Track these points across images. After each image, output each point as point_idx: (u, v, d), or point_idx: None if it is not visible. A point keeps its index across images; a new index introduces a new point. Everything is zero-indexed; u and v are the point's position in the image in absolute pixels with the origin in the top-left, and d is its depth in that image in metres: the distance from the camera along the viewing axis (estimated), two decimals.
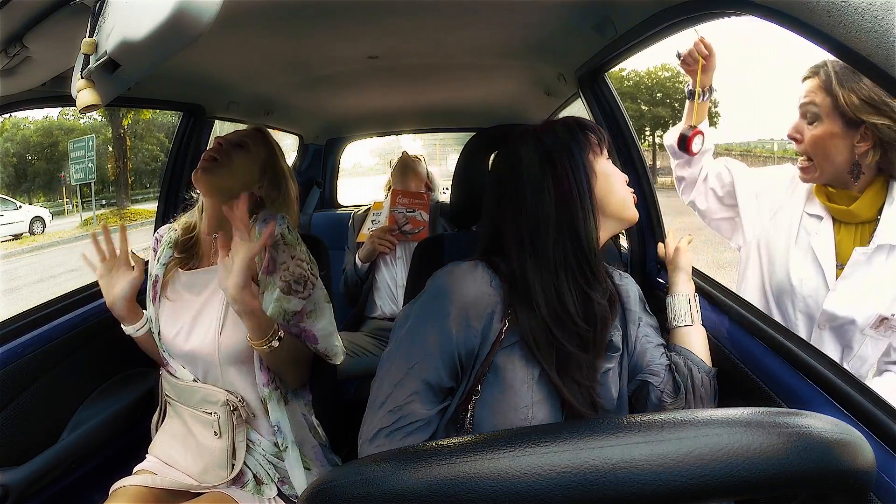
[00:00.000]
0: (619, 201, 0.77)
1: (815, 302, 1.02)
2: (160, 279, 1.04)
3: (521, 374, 0.69)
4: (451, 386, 0.70)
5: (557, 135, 0.77)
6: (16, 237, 11.61)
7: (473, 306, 0.69)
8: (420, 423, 0.66)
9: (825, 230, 1.03)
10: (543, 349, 0.68)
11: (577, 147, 0.75)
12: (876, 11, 0.44)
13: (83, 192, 14.16)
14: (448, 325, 0.68)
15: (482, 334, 0.69)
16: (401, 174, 1.91)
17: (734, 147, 19.79)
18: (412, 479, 0.31)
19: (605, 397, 0.75)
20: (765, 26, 0.59)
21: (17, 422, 1.03)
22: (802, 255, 1.05)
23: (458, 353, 0.68)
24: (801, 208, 1.08)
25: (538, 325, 0.69)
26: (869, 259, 0.98)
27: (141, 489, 0.96)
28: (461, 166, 1.10)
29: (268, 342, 0.91)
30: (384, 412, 0.67)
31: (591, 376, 0.72)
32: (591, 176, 0.75)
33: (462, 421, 0.70)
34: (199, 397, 0.99)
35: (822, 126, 0.98)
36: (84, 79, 0.59)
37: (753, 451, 0.31)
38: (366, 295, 1.85)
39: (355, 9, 1.07)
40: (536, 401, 0.68)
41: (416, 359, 0.68)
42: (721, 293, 1.02)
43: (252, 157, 1.05)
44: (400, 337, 0.71)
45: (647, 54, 1.35)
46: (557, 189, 0.73)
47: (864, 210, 1.00)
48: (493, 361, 0.69)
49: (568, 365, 0.69)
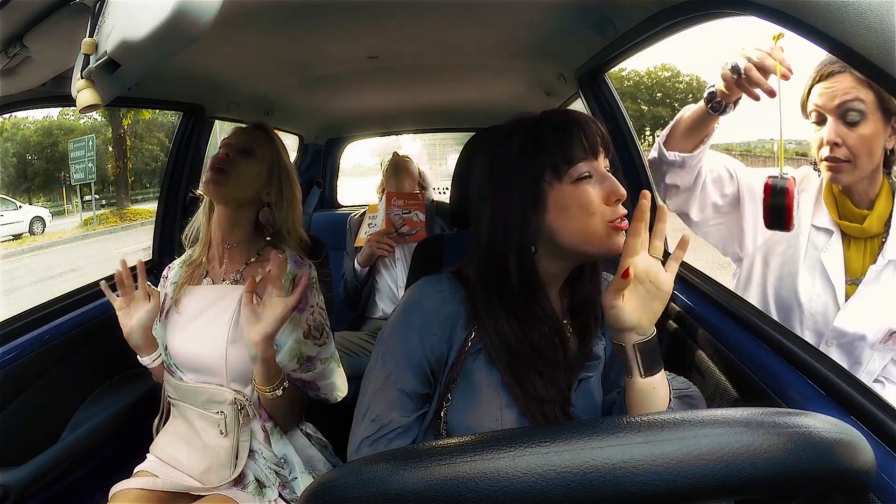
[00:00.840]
0: (576, 237, 0.65)
1: (823, 318, 0.99)
2: (169, 297, 1.05)
3: (487, 378, 0.69)
4: (427, 392, 0.71)
5: (512, 148, 0.67)
6: (16, 237, 11.59)
7: (435, 315, 0.70)
8: (400, 430, 0.68)
9: (835, 246, 0.99)
10: (499, 360, 0.68)
11: (527, 171, 0.66)
12: (876, 11, 0.44)
13: (83, 192, 14.15)
14: (415, 336, 0.70)
15: (448, 342, 0.70)
16: (393, 175, 1.92)
17: (734, 147, 19.76)
18: (412, 479, 0.31)
19: (584, 406, 0.72)
20: (765, 26, 0.59)
21: (17, 422, 1.03)
22: (811, 272, 1.00)
23: (426, 361, 0.69)
24: (808, 220, 1.01)
25: (494, 339, 0.68)
26: (878, 275, 0.96)
27: (141, 492, 0.96)
28: (461, 166, 1.10)
29: (273, 390, 0.93)
30: (367, 422, 0.69)
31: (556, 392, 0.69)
32: (539, 207, 0.65)
33: (438, 426, 0.71)
34: (206, 397, 0.99)
35: (869, 125, 0.89)
36: (84, 79, 0.59)
37: (753, 451, 0.31)
38: (367, 296, 1.85)
39: (355, 9, 1.07)
40: (504, 405, 0.68)
41: (391, 369, 0.70)
42: (721, 293, 1.02)
43: (259, 162, 1.05)
44: (378, 350, 0.73)
45: (647, 54, 1.34)
46: (493, 216, 0.68)
47: (874, 224, 0.96)
48: (463, 367, 0.70)
49: (524, 379, 0.68)
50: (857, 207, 0.98)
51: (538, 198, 0.66)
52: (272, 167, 1.07)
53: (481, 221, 0.70)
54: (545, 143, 0.66)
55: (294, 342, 1.00)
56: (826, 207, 1.00)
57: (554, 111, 0.71)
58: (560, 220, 0.65)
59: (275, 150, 1.08)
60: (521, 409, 0.67)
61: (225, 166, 1.01)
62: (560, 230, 0.65)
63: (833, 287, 0.98)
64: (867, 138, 0.90)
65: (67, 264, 8.76)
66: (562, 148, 0.65)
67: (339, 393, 1.09)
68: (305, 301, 1.02)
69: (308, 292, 1.02)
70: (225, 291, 1.02)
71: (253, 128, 1.10)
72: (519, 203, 0.66)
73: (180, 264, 1.11)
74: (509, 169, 0.67)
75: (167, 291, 1.07)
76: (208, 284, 1.05)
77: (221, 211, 1.05)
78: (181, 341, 1.01)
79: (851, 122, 0.90)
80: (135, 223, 13.12)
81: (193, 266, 1.07)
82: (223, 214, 1.04)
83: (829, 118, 0.92)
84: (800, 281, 1.00)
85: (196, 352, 0.99)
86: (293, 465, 1.01)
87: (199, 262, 1.08)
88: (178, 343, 1.01)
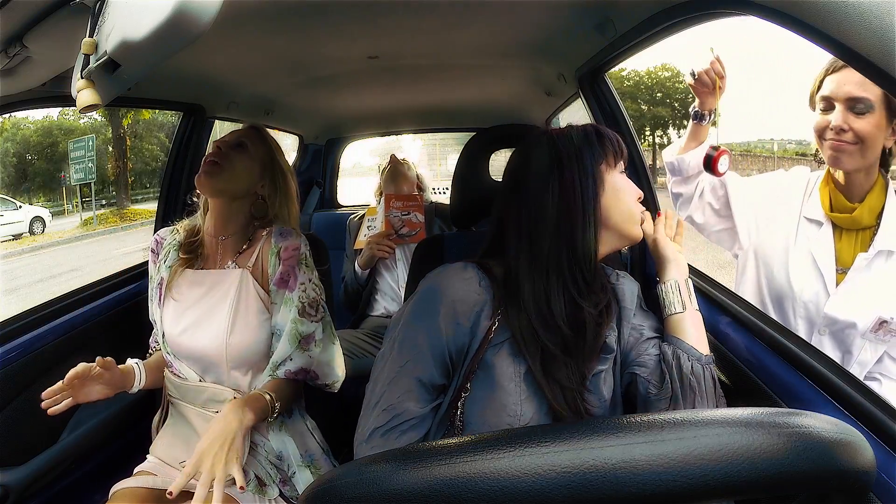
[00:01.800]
0: (623, 217, 0.76)
1: (815, 307, 1.02)
2: (165, 281, 1.04)
3: (509, 370, 0.70)
4: (444, 383, 0.71)
5: (572, 140, 0.76)
6: (16, 237, 11.59)
7: (461, 303, 0.71)
8: (414, 421, 0.68)
9: (825, 236, 1.03)
10: (529, 346, 0.70)
11: (590, 155, 0.75)
12: (876, 11, 0.44)
13: (83, 192, 14.15)
14: (438, 323, 0.70)
15: (471, 331, 0.71)
16: (392, 180, 1.93)
17: (734, 147, 19.77)
18: (412, 479, 0.31)
19: (595, 400, 0.74)
20: (765, 26, 0.59)
21: (17, 422, 1.03)
22: (802, 261, 1.04)
23: (448, 350, 0.70)
24: (799, 212, 1.07)
25: (525, 323, 0.70)
26: (869, 264, 0.99)
27: (141, 490, 0.96)
28: (461, 166, 1.10)
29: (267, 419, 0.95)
30: (378, 411, 0.68)
31: (577, 380, 0.71)
32: (599, 187, 0.74)
33: (452, 418, 0.71)
34: (206, 397, 0.99)
35: (874, 117, 0.95)
36: (84, 79, 0.59)
37: (753, 451, 0.30)
38: (368, 295, 1.86)
39: (355, 9, 1.07)
40: (524, 398, 0.69)
41: (408, 357, 0.69)
42: (721, 293, 1.02)
43: (252, 156, 1.06)
44: (393, 337, 0.73)
45: (647, 54, 1.35)
46: (562, 194, 0.73)
47: (865, 217, 1.00)
48: (484, 359, 0.71)
49: (552, 365, 0.70)
50: (849, 202, 1.02)
51: (601, 178, 0.75)
52: (265, 162, 1.07)
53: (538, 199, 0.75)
54: (602, 134, 0.77)
55: (291, 323, 0.99)
56: (820, 200, 1.05)
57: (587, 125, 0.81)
58: (614, 200, 0.75)
59: (267, 147, 1.09)
60: (547, 395, 0.69)
61: (217, 159, 1.02)
62: (613, 209, 0.75)
63: (823, 276, 1.01)
64: (872, 128, 0.95)
65: (67, 264, 8.76)
66: (612, 143, 0.77)
67: (338, 375, 1.07)
68: (294, 279, 1.01)
69: (297, 269, 1.02)
70: (222, 276, 1.02)
71: (246, 127, 1.11)
72: (590, 179, 0.74)
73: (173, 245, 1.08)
74: (576, 154, 0.75)
75: (163, 275, 1.05)
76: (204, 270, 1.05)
77: (215, 205, 1.04)
78: (180, 330, 1.00)
79: (859, 113, 0.96)
80: (135, 223, 13.12)
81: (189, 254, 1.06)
82: (217, 209, 1.04)
83: (838, 106, 0.97)
84: (791, 270, 1.04)
85: (196, 341, 0.99)
86: (291, 459, 1.00)
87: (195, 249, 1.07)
88: (176, 331, 1.01)
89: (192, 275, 1.04)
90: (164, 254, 1.07)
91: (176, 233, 1.10)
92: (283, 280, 1.01)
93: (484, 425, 0.69)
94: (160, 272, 1.06)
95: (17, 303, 6.23)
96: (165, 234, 1.11)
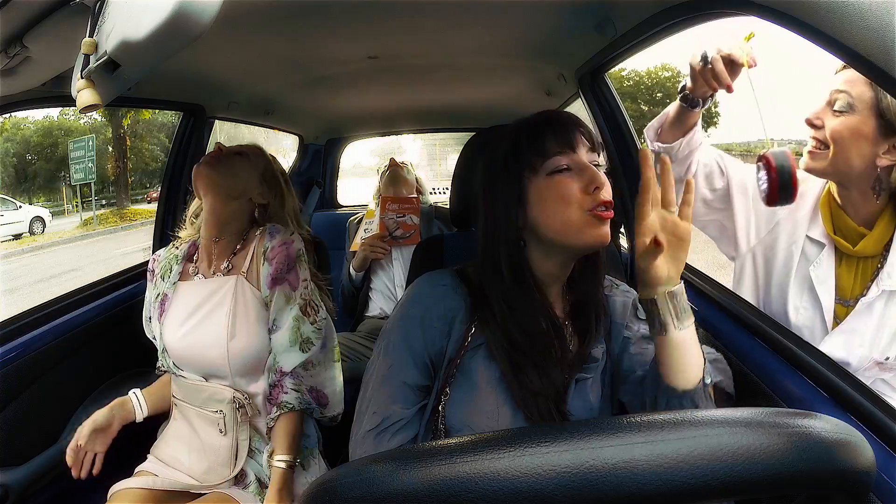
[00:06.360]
0: (557, 227, 0.67)
1: (810, 333, 0.96)
2: (169, 297, 1.05)
3: (486, 374, 0.70)
4: (428, 384, 0.72)
5: (497, 157, 0.73)
6: (16, 237, 11.59)
7: (436, 308, 0.72)
8: (402, 423, 0.69)
9: (826, 261, 0.96)
10: (499, 352, 0.70)
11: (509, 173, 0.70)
12: (876, 11, 0.44)
13: (83, 192, 14.15)
14: (416, 328, 0.71)
15: (448, 335, 0.71)
16: (391, 184, 1.94)
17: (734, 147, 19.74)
18: (412, 480, 0.31)
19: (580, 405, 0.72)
20: (765, 26, 0.59)
21: (17, 422, 1.03)
22: (801, 285, 0.98)
23: (427, 353, 0.71)
24: (804, 229, 0.98)
25: (495, 329, 0.70)
26: (870, 306, 0.92)
27: (141, 490, 0.96)
28: (460, 167, 1.10)
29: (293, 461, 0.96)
30: (370, 414, 0.70)
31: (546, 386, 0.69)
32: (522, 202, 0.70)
33: (435, 421, 0.71)
34: (206, 396, 0.99)
35: (852, 118, 0.86)
36: (84, 79, 0.59)
37: (754, 451, 0.30)
38: (364, 296, 1.87)
39: (355, 9, 1.07)
40: (501, 402, 0.69)
41: (392, 361, 0.71)
42: (720, 293, 1.02)
43: (252, 164, 1.08)
44: (381, 342, 0.74)
45: (647, 54, 1.34)
46: (485, 214, 0.73)
47: (869, 247, 0.92)
48: (462, 363, 0.71)
49: (522, 371, 0.69)
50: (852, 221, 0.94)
51: (520, 194, 0.70)
52: (264, 173, 1.09)
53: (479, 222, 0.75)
54: (520, 146, 0.71)
55: (293, 319, 1.00)
56: (822, 219, 0.97)
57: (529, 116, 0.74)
58: (541, 211, 0.68)
59: (267, 161, 1.11)
60: (516, 400, 0.68)
61: (218, 157, 1.05)
62: (542, 222, 0.68)
63: (821, 304, 0.95)
64: (842, 129, 0.87)
65: (67, 264, 8.76)
66: (534, 145, 0.69)
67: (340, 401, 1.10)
68: (296, 277, 1.02)
69: (297, 268, 1.02)
70: (218, 283, 1.02)
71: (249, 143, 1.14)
72: (504, 201, 0.70)
73: (170, 259, 1.09)
74: (495, 175, 0.72)
75: (166, 291, 1.06)
76: (200, 280, 1.05)
77: (210, 206, 1.04)
78: (179, 340, 1.00)
79: (837, 111, 0.88)
80: (135, 223, 13.12)
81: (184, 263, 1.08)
82: (211, 209, 1.04)
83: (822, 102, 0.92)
84: (789, 291, 0.98)
85: (197, 351, 0.99)
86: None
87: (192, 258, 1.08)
88: (175, 342, 1.01)
89: (188, 285, 1.05)
90: (162, 271, 1.08)
91: (174, 248, 1.11)
92: (274, 280, 1.01)
93: (465, 428, 0.69)
94: (157, 288, 1.07)
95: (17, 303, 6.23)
96: (162, 253, 1.13)
